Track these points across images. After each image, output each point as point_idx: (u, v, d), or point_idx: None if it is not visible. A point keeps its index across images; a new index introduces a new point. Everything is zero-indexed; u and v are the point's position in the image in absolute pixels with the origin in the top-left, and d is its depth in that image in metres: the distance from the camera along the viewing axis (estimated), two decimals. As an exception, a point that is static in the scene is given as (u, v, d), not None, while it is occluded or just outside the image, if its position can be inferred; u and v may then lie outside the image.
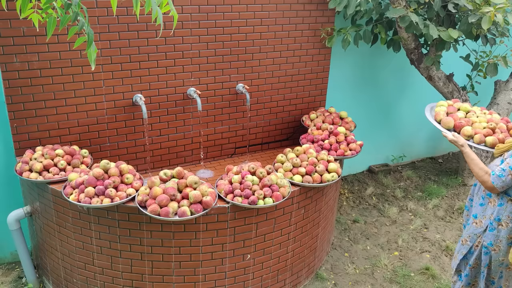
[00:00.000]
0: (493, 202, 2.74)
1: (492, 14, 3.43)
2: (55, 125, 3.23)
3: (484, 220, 2.79)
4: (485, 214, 2.78)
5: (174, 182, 2.82)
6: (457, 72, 4.71)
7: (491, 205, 2.75)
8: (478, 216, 2.83)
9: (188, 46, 3.41)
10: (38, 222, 3.21)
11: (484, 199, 2.80)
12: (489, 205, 2.76)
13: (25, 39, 2.94)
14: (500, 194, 2.70)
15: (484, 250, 2.80)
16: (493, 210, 2.73)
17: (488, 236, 2.77)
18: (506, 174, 2.55)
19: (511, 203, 2.68)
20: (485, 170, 2.66)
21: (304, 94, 4.07)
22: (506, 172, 2.55)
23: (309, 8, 3.79)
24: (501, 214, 2.70)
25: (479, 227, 2.82)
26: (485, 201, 2.79)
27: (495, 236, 2.75)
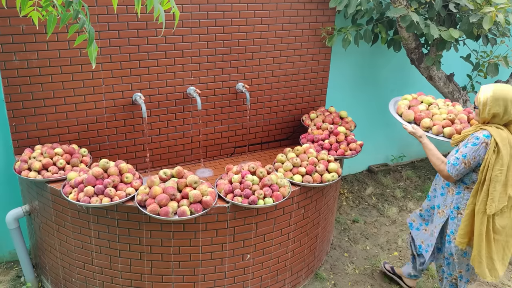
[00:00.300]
0: (451, 191, 2.88)
1: (494, 14, 3.42)
2: (54, 124, 3.22)
3: (445, 210, 2.93)
4: (446, 204, 2.92)
5: (174, 182, 2.81)
6: (458, 72, 4.70)
7: (450, 194, 2.89)
8: (440, 206, 2.97)
9: (188, 44, 3.40)
10: (37, 221, 3.20)
11: (444, 189, 2.94)
12: (448, 194, 2.90)
13: (24, 37, 2.92)
14: (457, 183, 2.82)
15: (447, 239, 2.94)
16: (452, 199, 2.87)
17: (450, 225, 2.90)
18: (460, 162, 2.67)
19: (468, 191, 2.80)
20: (441, 160, 2.80)
21: (304, 93, 4.06)
22: (460, 161, 2.67)
23: (310, 7, 3.78)
24: (459, 203, 2.83)
25: (442, 216, 2.96)
26: (445, 190, 2.93)
27: (456, 225, 2.87)
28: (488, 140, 2.60)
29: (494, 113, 2.60)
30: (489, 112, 2.61)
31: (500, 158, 2.57)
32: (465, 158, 2.66)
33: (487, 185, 2.62)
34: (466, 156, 2.65)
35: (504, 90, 2.57)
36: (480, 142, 2.62)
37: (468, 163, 2.66)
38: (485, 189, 2.63)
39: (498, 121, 2.63)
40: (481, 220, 2.69)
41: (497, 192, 2.61)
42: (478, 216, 2.69)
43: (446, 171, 2.74)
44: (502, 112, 2.58)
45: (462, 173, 2.71)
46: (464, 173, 2.71)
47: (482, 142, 2.61)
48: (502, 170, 2.58)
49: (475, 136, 2.66)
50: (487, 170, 2.61)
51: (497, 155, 2.58)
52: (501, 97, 2.56)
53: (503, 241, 2.79)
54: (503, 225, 2.74)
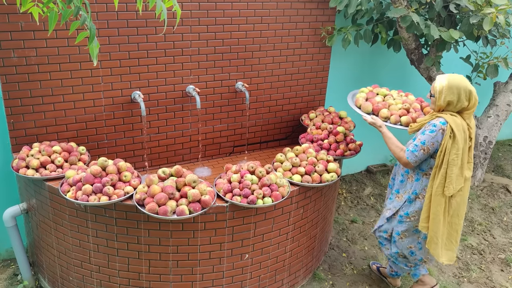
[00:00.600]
0: (411, 178, 3.03)
1: (494, 15, 3.42)
2: (52, 122, 3.20)
3: (404, 195, 3.09)
4: (405, 190, 3.08)
5: (173, 181, 2.80)
6: (457, 73, 4.69)
7: (409, 180, 3.05)
8: (400, 192, 3.13)
9: (188, 43, 3.38)
10: (35, 219, 3.18)
11: (403, 176, 3.10)
12: (408, 181, 3.06)
13: (23, 34, 2.90)
14: (415, 170, 2.98)
15: (399, 219, 3.11)
16: (411, 185, 3.03)
17: (405, 207, 3.07)
18: (419, 149, 2.81)
19: (426, 178, 2.96)
20: (400, 147, 2.94)
21: (304, 93, 4.05)
22: (419, 147, 2.81)
23: (310, 7, 3.76)
24: (417, 188, 3.00)
25: (400, 201, 3.11)
26: (404, 177, 3.09)
27: (412, 208, 3.05)
28: (445, 126, 2.75)
29: (449, 101, 2.75)
30: (444, 99, 2.76)
31: (456, 143, 2.74)
32: (423, 145, 2.80)
33: (445, 169, 2.78)
34: (424, 143, 2.80)
35: (457, 79, 2.75)
36: (437, 129, 2.76)
37: (427, 149, 2.80)
38: (443, 172, 2.79)
39: (452, 109, 2.79)
40: (438, 201, 2.85)
41: (454, 175, 2.78)
42: (436, 198, 2.85)
43: (405, 158, 2.87)
44: (456, 100, 2.74)
45: (421, 159, 2.85)
46: (422, 159, 2.85)
47: (439, 128, 2.76)
48: (458, 154, 2.76)
49: (432, 123, 2.80)
50: (444, 154, 2.76)
51: (453, 140, 2.74)
52: (455, 86, 2.73)
53: (457, 224, 2.98)
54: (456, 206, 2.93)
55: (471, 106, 2.77)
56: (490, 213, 4.63)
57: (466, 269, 3.85)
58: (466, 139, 2.78)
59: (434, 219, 2.89)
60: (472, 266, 3.87)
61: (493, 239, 4.24)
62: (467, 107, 2.78)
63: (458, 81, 2.74)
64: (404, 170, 3.08)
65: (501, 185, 5.13)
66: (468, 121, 2.81)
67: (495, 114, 4.88)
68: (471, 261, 3.93)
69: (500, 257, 4.00)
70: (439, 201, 2.85)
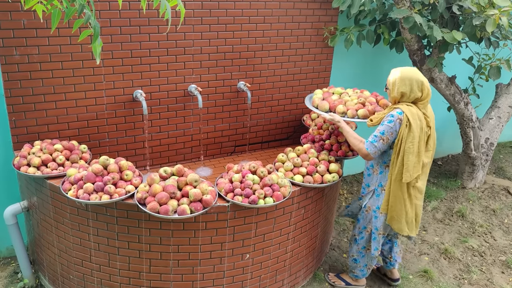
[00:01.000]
0: (376, 171, 3.14)
1: (497, 17, 3.41)
2: (54, 120, 3.20)
3: (372, 187, 3.19)
4: (373, 182, 3.18)
5: (174, 180, 2.79)
6: (459, 75, 4.69)
7: (375, 174, 3.15)
8: (370, 185, 3.21)
9: (190, 42, 3.38)
10: (35, 217, 3.18)
11: (369, 170, 3.20)
12: (374, 174, 3.16)
13: (25, 32, 2.90)
14: (378, 163, 3.10)
15: (373, 214, 3.19)
16: (377, 178, 3.14)
17: (375, 201, 3.17)
18: (378, 139, 2.91)
19: (388, 169, 3.05)
20: (359, 139, 3.03)
21: (306, 93, 4.04)
22: (378, 138, 2.91)
23: (313, 7, 3.76)
24: (382, 180, 3.11)
25: (369, 193, 3.22)
26: (370, 171, 3.19)
27: (381, 200, 3.14)
28: (401, 116, 2.86)
29: (402, 92, 2.87)
30: (397, 91, 2.88)
31: (412, 132, 2.84)
32: (383, 135, 2.90)
33: (401, 156, 2.90)
34: (384, 133, 2.90)
35: (409, 71, 2.87)
36: (395, 119, 2.87)
37: (386, 139, 2.90)
38: (400, 160, 2.91)
39: (407, 100, 2.90)
40: (398, 186, 2.98)
41: (410, 162, 2.89)
42: (395, 184, 2.98)
43: (365, 149, 2.96)
44: (409, 90, 2.86)
45: (380, 149, 2.94)
46: (382, 149, 2.94)
47: (397, 118, 2.86)
48: (413, 142, 2.86)
49: (390, 114, 2.91)
50: (400, 143, 2.88)
51: (409, 129, 2.84)
52: (407, 78, 2.85)
53: (419, 205, 3.11)
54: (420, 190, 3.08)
55: (424, 96, 2.89)
56: (491, 215, 4.62)
57: (467, 271, 3.84)
58: (423, 127, 2.89)
59: (394, 202, 3.03)
60: (473, 268, 3.86)
61: (494, 241, 4.23)
62: (421, 97, 2.89)
63: (410, 73, 2.86)
64: (369, 164, 3.18)
65: (502, 187, 5.12)
66: (424, 111, 2.93)
67: (496, 116, 4.87)
68: (471, 263, 3.93)
69: (501, 259, 4.00)
70: (398, 186, 2.98)
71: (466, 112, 4.55)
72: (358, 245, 3.39)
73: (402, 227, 3.10)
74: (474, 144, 4.77)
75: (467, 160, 4.95)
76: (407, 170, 2.90)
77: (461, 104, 4.49)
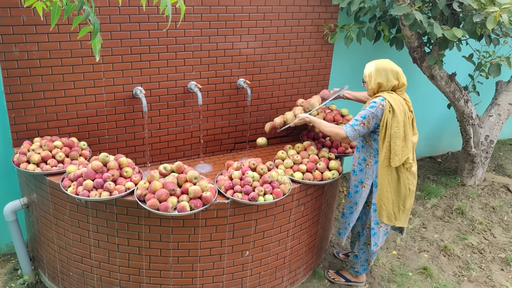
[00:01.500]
0: (369, 164, 3.13)
1: (498, 14, 3.40)
2: (53, 116, 3.19)
3: (368, 182, 3.17)
4: (367, 176, 3.16)
5: (174, 177, 2.79)
6: (460, 72, 4.68)
7: (368, 166, 3.14)
8: (363, 181, 3.19)
9: (190, 39, 3.37)
10: (35, 214, 3.18)
11: (361, 164, 3.19)
12: (367, 167, 3.15)
13: (24, 28, 2.89)
14: (371, 155, 3.10)
15: (373, 207, 3.18)
16: (372, 169, 3.13)
17: (374, 194, 3.14)
18: (359, 123, 2.95)
19: None
20: (335, 126, 3.11)
21: (306, 90, 4.04)
22: (359, 121, 2.95)
23: (313, 4, 3.75)
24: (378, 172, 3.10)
25: (366, 189, 3.19)
26: (363, 165, 3.17)
27: None
28: (384, 102, 2.91)
29: (379, 83, 2.95)
30: (375, 82, 2.96)
31: (396, 117, 2.90)
32: (364, 119, 2.94)
33: (388, 142, 2.94)
34: (365, 117, 2.93)
35: (383, 62, 2.97)
36: (377, 105, 2.92)
37: (367, 123, 2.94)
38: (387, 145, 2.95)
39: (384, 89, 2.97)
40: (385, 172, 3.01)
41: (398, 147, 2.93)
42: (382, 170, 3.01)
43: (343, 132, 2.99)
44: (385, 80, 2.94)
45: (360, 133, 2.97)
46: (361, 134, 2.97)
47: (379, 104, 2.92)
48: (399, 127, 2.91)
49: (372, 101, 2.97)
50: (386, 128, 2.93)
51: (393, 115, 2.90)
52: (382, 69, 2.94)
53: (413, 191, 3.13)
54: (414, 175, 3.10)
55: (401, 84, 2.98)
56: (491, 212, 4.62)
57: (466, 268, 3.85)
58: (406, 112, 2.95)
59: (381, 189, 3.06)
60: (472, 265, 3.87)
61: (494, 238, 4.23)
62: (398, 85, 2.97)
63: (385, 64, 2.96)
64: (360, 159, 3.18)
65: (502, 184, 5.13)
66: (403, 97, 3.01)
67: (496, 113, 4.87)
68: (471, 260, 3.93)
69: (500, 257, 4.00)
70: (385, 172, 3.01)
71: (466, 109, 4.55)
72: (359, 241, 3.39)
73: (390, 216, 3.13)
74: (474, 141, 4.77)
75: (467, 158, 4.95)
76: (396, 154, 2.94)
77: (461, 102, 4.49)
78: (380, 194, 3.08)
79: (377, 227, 3.20)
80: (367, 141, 3.08)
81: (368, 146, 3.08)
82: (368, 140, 3.07)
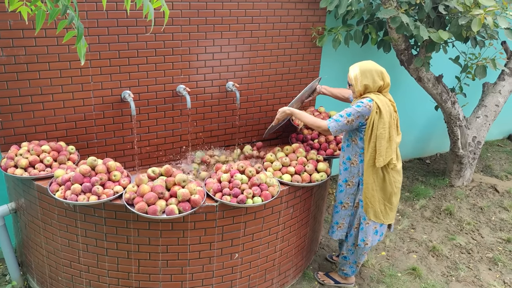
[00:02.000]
0: (355, 163, 3.16)
1: (482, 17, 3.45)
2: (41, 121, 3.18)
3: (354, 180, 3.20)
4: (352, 175, 3.19)
5: (162, 180, 2.80)
6: (446, 74, 4.74)
7: (354, 165, 3.17)
8: (348, 179, 3.23)
9: (178, 42, 3.38)
10: (23, 219, 3.16)
11: (345, 163, 3.21)
12: (352, 166, 3.18)
13: (11, 33, 2.88)
14: (357, 154, 3.12)
15: (361, 204, 3.23)
16: (357, 168, 3.15)
17: (361, 192, 3.20)
18: (343, 119, 2.98)
19: None
20: (316, 118, 3.13)
21: (294, 93, 4.06)
22: (343, 118, 2.98)
23: (300, 7, 3.78)
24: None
25: (352, 187, 3.23)
26: (347, 164, 3.20)
27: None
28: (371, 103, 2.94)
29: (365, 84, 2.98)
30: (361, 84, 2.98)
31: (382, 118, 2.94)
32: (349, 116, 2.97)
33: (374, 142, 2.99)
34: (350, 115, 2.97)
35: (368, 64, 3.01)
36: (364, 105, 2.94)
37: (351, 121, 2.98)
38: (372, 146, 3.00)
39: (371, 90, 3.00)
40: (370, 172, 3.07)
41: (383, 147, 2.98)
42: (368, 170, 3.07)
43: (326, 126, 3.02)
44: (371, 81, 2.97)
45: (341, 129, 3.01)
46: (342, 129, 3.01)
47: (366, 105, 2.94)
48: (385, 128, 2.96)
49: (359, 101, 2.99)
50: (372, 129, 2.97)
51: (380, 116, 2.95)
52: (367, 70, 2.97)
53: (399, 188, 3.21)
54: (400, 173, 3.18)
55: (386, 85, 3.01)
56: (479, 213, 4.67)
57: (455, 268, 3.88)
58: (391, 113, 3.00)
59: (367, 188, 3.12)
60: (461, 265, 3.90)
61: (481, 238, 4.28)
62: (383, 86, 3.01)
63: (369, 66, 2.99)
64: (346, 157, 3.20)
65: (489, 185, 5.18)
66: (388, 97, 3.05)
67: (483, 114, 4.92)
68: (459, 260, 3.97)
69: (488, 256, 4.04)
70: (371, 171, 3.07)
71: (453, 111, 4.60)
72: (347, 242, 3.41)
73: (377, 214, 3.18)
74: (462, 142, 4.82)
75: (455, 159, 5.00)
76: (380, 155, 2.98)
77: (448, 103, 4.53)
78: (366, 193, 3.13)
79: (364, 222, 3.24)
80: (353, 140, 3.11)
81: (354, 145, 3.11)
82: (354, 139, 3.09)
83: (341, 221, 3.36)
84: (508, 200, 4.88)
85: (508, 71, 4.89)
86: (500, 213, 4.68)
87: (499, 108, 4.94)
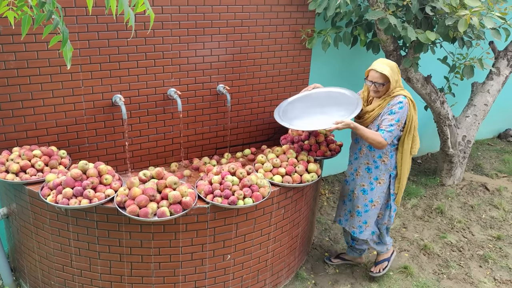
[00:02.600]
0: (386, 159, 3.28)
1: (468, 17, 3.50)
2: (32, 126, 3.19)
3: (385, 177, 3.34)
4: (383, 172, 3.33)
5: (154, 183, 2.81)
6: (435, 74, 4.79)
7: (385, 162, 3.30)
8: (379, 177, 3.36)
9: (168, 46, 3.40)
10: (15, 224, 3.16)
11: (376, 162, 3.32)
12: (383, 163, 3.31)
13: (1, 38, 2.89)
14: (387, 150, 3.24)
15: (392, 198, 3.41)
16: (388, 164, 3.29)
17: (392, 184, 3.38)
18: (395, 128, 3.08)
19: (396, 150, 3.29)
20: (376, 133, 3.11)
21: (285, 95, 4.09)
22: (394, 126, 3.08)
23: (290, 10, 3.81)
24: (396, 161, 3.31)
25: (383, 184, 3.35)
26: (378, 163, 3.32)
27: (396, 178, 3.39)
28: (406, 100, 3.10)
29: (397, 80, 3.13)
30: (397, 80, 3.12)
31: (415, 109, 3.17)
32: (398, 122, 3.09)
33: (411, 133, 3.19)
34: (399, 120, 3.09)
35: (390, 62, 3.12)
36: (404, 105, 3.08)
37: (401, 125, 3.11)
38: (410, 137, 3.19)
39: (395, 85, 3.12)
40: (408, 161, 3.27)
41: (417, 137, 3.24)
42: (406, 158, 3.25)
43: (384, 140, 3.09)
44: (399, 77, 3.14)
45: (394, 135, 3.12)
46: (394, 135, 3.13)
47: (406, 103, 3.09)
48: (416, 118, 3.18)
49: (397, 101, 3.10)
50: (411, 123, 3.14)
51: (414, 107, 3.16)
52: (394, 66, 3.11)
53: None
54: None
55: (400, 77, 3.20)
56: (469, 211, 4.72)
57: (446, 265, 3.92)
58: None
59: (403, 177, 3.33)
60: (452, 263, 3.94)
61: (472, 236, 4.32)
62: None
63: (392, 63, 3.11)
64: (377, 156, 3.29)
65: (480, 183, 5.23)
66: None
67: (473, 114, 4.98)
68: (450, 258, 4.01)
69: (479, 254, 4.09)
70: (408, 160, 3.28)
71: (443, 110, 4.64)
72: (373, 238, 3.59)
73: (400, 200, 3.45)
74: (451, 142, 4.87)
75: (445, 158, 5.05)
76: (416, 144, 3.23)
77: (437, 103, 4.58)
78: (402, 182, 3.34)
79: (371, 204, 3.41)
80: None
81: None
82: None
83: (369, 220, 3.46)
84: (498, 198, 4.93)
85: (496, 70, 4.95)
86: (491, 211, 4.73)
87: (488, 107, 5.00)
